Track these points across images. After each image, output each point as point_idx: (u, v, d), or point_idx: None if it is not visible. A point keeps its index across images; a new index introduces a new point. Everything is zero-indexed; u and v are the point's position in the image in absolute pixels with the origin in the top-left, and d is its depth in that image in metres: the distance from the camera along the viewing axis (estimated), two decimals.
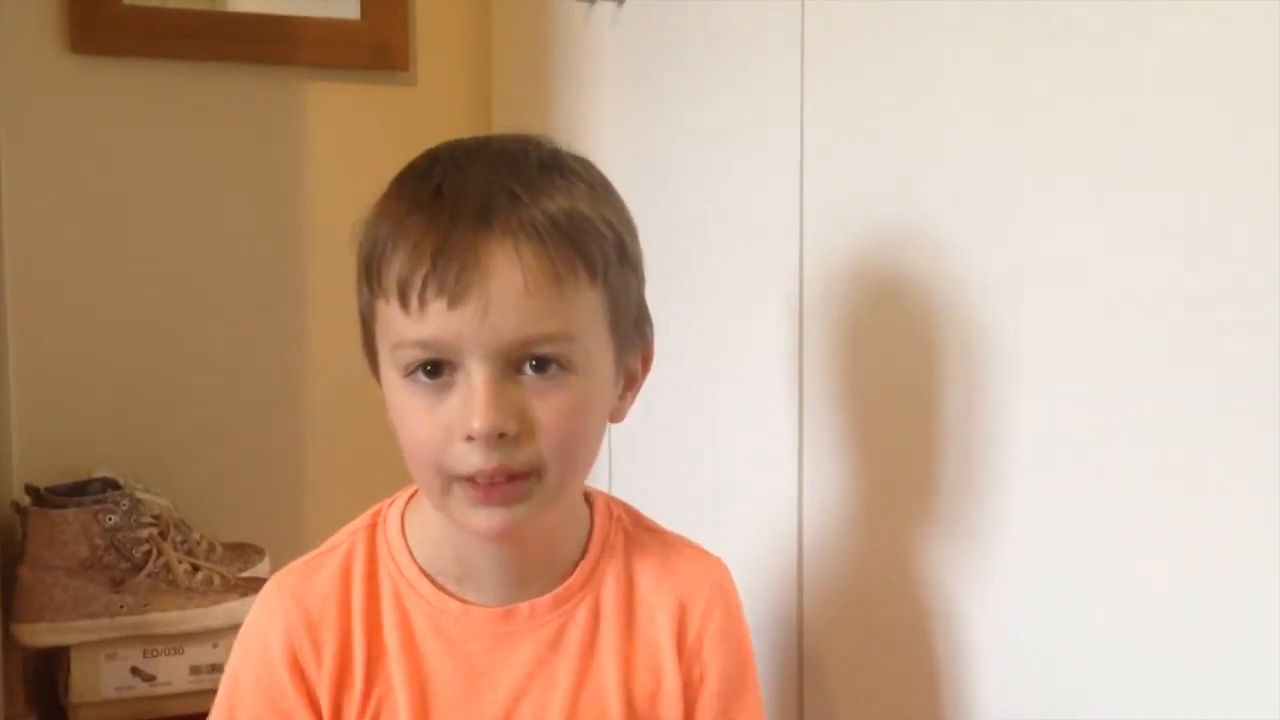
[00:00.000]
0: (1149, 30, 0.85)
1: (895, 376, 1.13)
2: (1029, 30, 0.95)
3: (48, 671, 1.66)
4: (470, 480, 0.79)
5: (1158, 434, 0.88)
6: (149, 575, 1.59)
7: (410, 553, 0.89)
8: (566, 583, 0.90)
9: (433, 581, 0.88)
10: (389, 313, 0.80)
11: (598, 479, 1.59)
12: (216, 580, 1.63)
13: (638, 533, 0.94)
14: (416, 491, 0.90)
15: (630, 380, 0.89)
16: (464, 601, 0.88)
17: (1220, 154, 0.82)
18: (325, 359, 1.92)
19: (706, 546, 0.98)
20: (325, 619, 0.87)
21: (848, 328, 1.20)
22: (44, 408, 1.78)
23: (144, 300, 1.85)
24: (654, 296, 0.98)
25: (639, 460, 1.57)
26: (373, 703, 0.86)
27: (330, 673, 0.86)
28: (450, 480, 0.80)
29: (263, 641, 0.87)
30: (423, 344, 0.78)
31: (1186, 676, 0.87)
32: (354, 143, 1.92)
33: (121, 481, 1.65)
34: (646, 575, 0.92)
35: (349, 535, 0.91)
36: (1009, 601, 1.03)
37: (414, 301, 0.77)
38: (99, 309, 1.82)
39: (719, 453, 1.42)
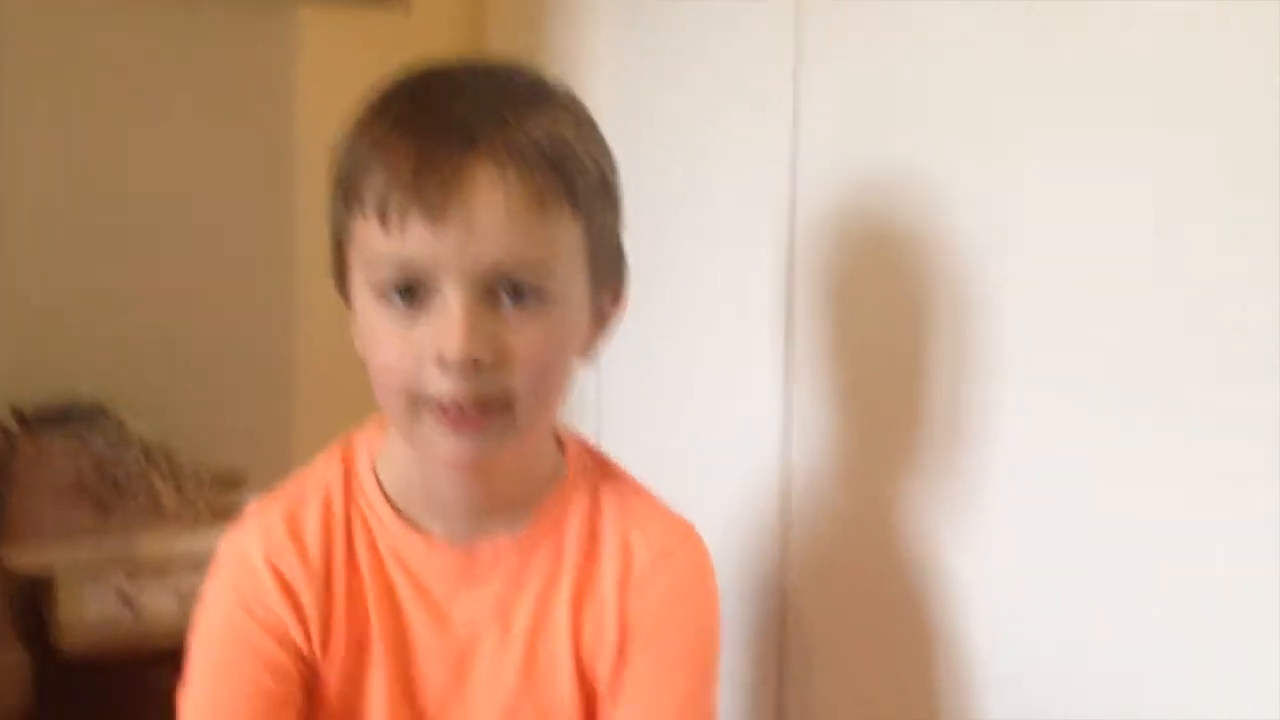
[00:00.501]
0: None
1: (884, 330, 1.13)
2: None
3: (34, 603, 1.65)
4: (440, 407, 0.78)
5: (1146, 383, 0.88)
6: (136, 502, 1.59)
7: (378, 483, 0.88)
8: (530, 524, 0.89)
9: (399, 514, 0.88)
10: (366, 231, 0.78)
11: (584, 427, 1.59)
12: (204, 508, 1.62)
13: (606, 481, 0.93)
14: (385, 420, 0.89)
15: (602, 319, 0.87)
16: (428, 537, 0.87)
17: (1218, 99, 0.81)
18: (314, 287, 1.89)
19: (692, 500, 0.96)
20: (312, 544, 0.86)
21: (837, 279, 1.19)
22: (28, 332, 1.76)
23: (132, 226, 1.82)
24: (645, 245, 0.96)
25: (626, 412, 1.57)
26: (355, 629, 0.86)
27: (318, 594, 0.86)
28: (419, 406, 0.79)
29: (243, 559, 0.87)
30: (400, 264, 0.77)
31: (1175, 620, 0.88)
32: (346, 71, 1.88)
33: (108, 407, 1.64)
34: (608, 523, 0.91)
35: (324, 465, 0.90)
36: (995, 554, 1.03)
37: (393, 218, 0.76)
38: (85, 234, 1.80)
39: (706, 406, 1.42)
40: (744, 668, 1.35)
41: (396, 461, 0.88)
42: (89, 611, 1.57)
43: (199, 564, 1.60)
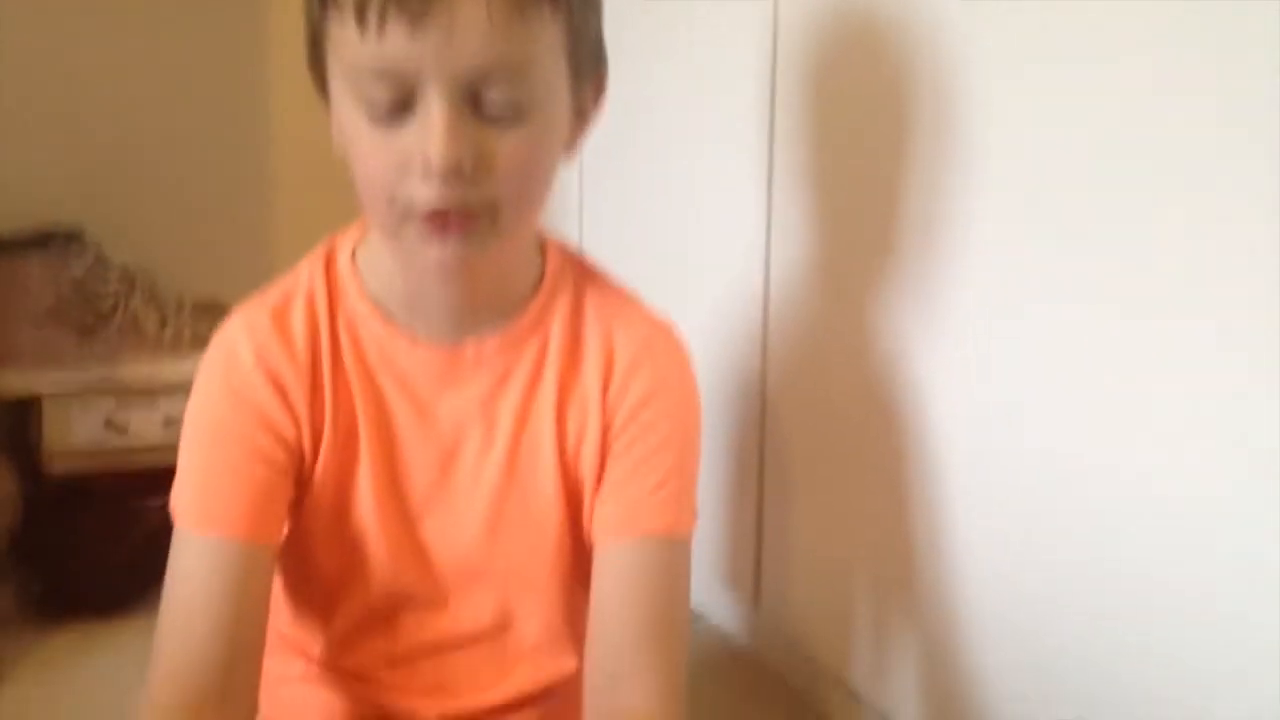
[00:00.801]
0: None
1: (864, 138, 1.12)
2: None
3: (22, 427, 1.66)
4: (424, 215, 0.77)
5: (1118, 195, 0.89)
6: (117, 328, 1.58)
7: (362, 287, 0.88)
8: (514, 324, 0.89)
9: (383, 316, 0.87)
10: (343, 33, 0.76)
11: (567, 231, 1.58)
12: (186, 335, 1.62)
13: (588, 283, 0.93)
14: (366, 223, 0.88)
15: (584, 117, 0.86)
16: (413, 337, 0.87)
17: None
18: (291, 108, 1.87)
19: (674, 305, 0.97)
20: (299, 342, 0.86)
21: (820, 86, 1.18)
22: (3, 157, 1.73)
23: (105, 48, 1.79)
24: (630, 48, 0.95)
25: (609, 216, 1.56)
26: (343, 428, 0.87)
27: (306, 392, 0.86)
28: (405, 217, 0.78)
29: (232, 354, 0.86)
30: (379, 68, 0.75)
31: (1138, 422, 0.91)
32: None
33: (86, 233, 1.62)
34: (590, 323, 0.91)
35: (308, 270, 0.90)
36: (964, 359, 1.05)
37: (372, 20, 0.73)
38: (59, 58, 1.76)
39: (688, 211, 1.42)
40: (723, 469, 1.38)
41: (379, 264, 0.88)
42: (76, 435, 1.57)
43: (184, 389, 1.61)
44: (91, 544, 1.57)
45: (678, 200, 1.43)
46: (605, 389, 0.89)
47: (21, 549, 1.60)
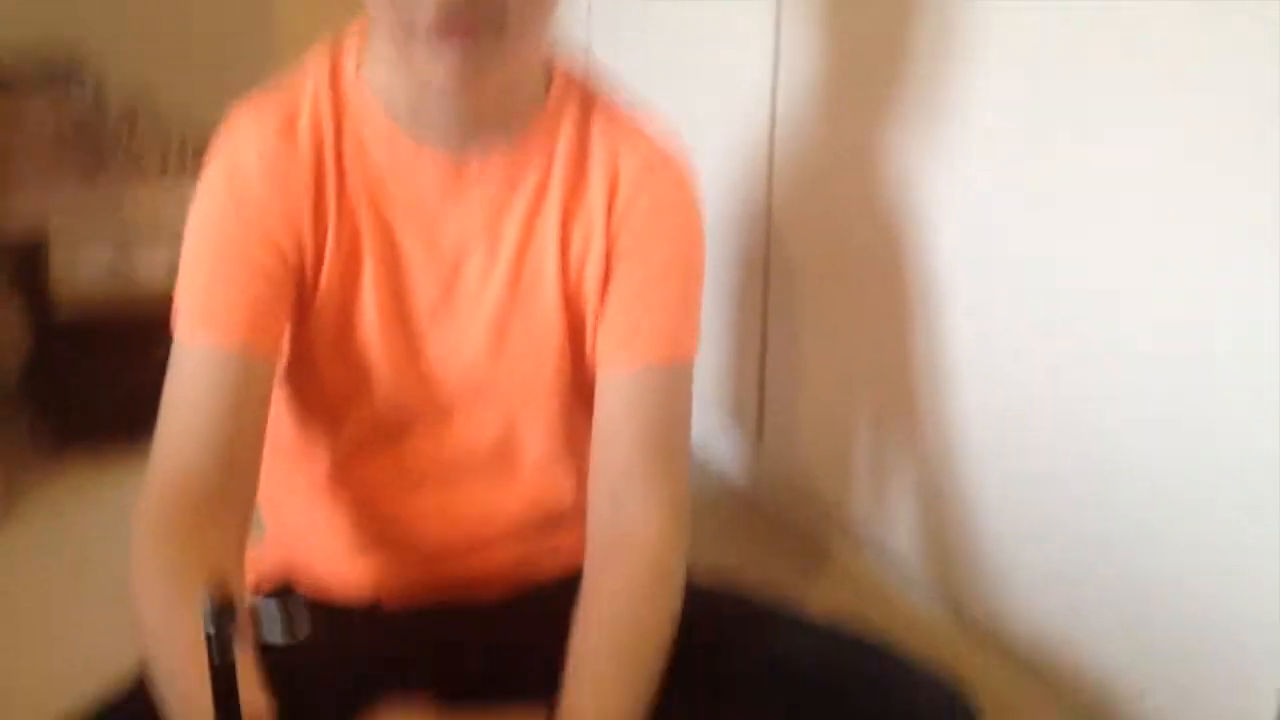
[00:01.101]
0: None
1: None
2: None
3: (30, 268, 1.66)
4: (433, 19, 0.75)
5: (1116, 48, 0.89)
6: (120, 165, 1.57)
7: (368, 99, 0.86)
8: (518, 140, 0.88)
9: (389, 125, 0.86)
10: None
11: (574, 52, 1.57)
12: (190, 170, 1.61)
13: (596, 103, 0.91)
14: (365, 27, 0.86)
15: None
16: (418, 146, 0.86)
17: None
18: None
19: (682, 133, 0.96)
20: (304, 151, 0.85)
21: None
22: None
23: None
24: None
25: (617, 38, 1.54)
26: (346, 243, 0.86)
27: (312, 204, 0.85)
28: (411, 31, 0.76)
29: (237, 161, 0.85)
30: None
31: (1142, 245, 0.92)
32: None
33: (85, 69, 1.60)
34: (596, 143, 0.90)
35: (313, 81, 0.88)
36: (971, 184, 1.05)
37: None
38: None
39: (695, 34, 1.40)
40: (728, 301, 1.38)
41: (384, 74, 0.86)
42: (82, 276, 1.58)
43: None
44: (99, 382, 1.59)
45: (686, 25, 1.40)
46: (610, 209, 0.88)
47: (31, 387, 1.62)
